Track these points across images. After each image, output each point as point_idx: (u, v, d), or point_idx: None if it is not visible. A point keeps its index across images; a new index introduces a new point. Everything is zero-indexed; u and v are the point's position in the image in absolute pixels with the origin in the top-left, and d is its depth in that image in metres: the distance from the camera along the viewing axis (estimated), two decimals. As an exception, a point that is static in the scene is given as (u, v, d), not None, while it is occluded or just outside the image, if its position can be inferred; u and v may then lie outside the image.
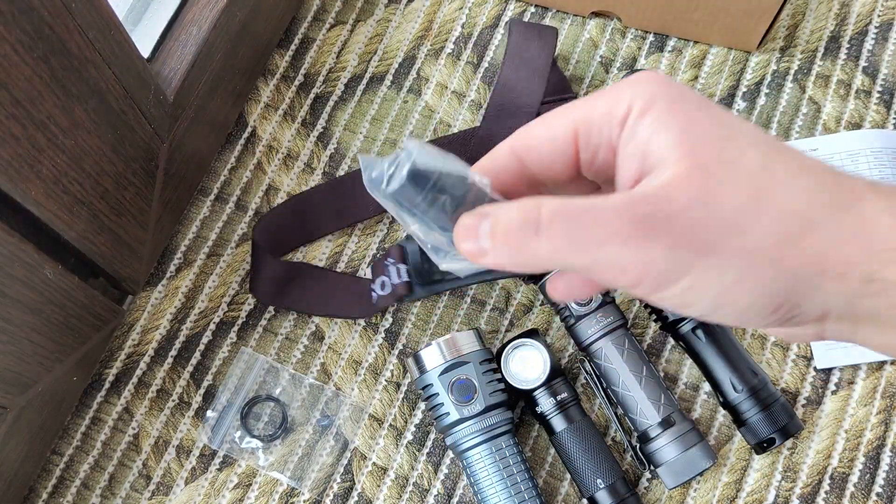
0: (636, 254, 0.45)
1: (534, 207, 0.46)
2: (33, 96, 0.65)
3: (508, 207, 0.47)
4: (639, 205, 0.45)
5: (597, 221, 0.45)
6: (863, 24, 1.07)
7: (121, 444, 0.93)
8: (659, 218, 0.44)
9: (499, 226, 0.47)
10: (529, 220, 0.46)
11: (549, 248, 0.46)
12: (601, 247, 0.45)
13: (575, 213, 0.46)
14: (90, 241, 0.80)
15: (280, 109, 1.04)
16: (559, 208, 0.46)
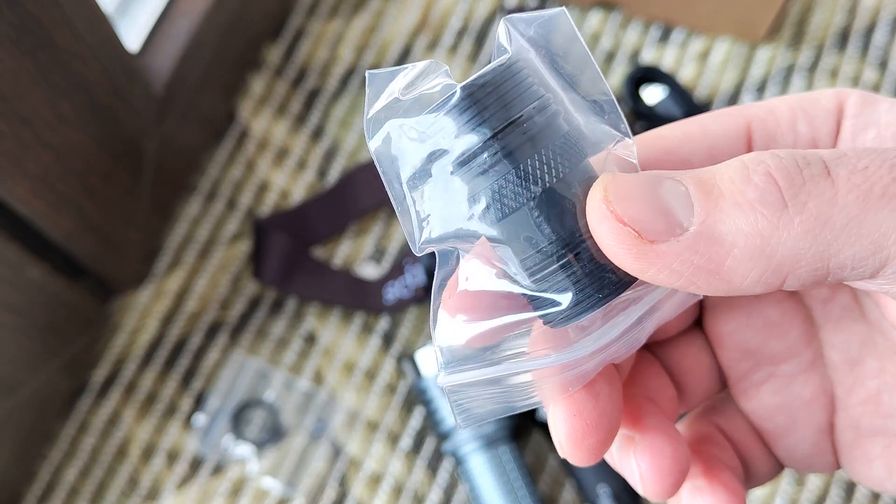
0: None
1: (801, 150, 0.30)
2: (18, 91, 0.64)
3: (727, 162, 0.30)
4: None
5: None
6: (872, 18, 1.06)
7: (109, 449, 0.92)
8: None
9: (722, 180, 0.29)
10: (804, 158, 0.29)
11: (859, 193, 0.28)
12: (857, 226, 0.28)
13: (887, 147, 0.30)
14: (77, 240, 0.80)
15: (272, 104, 1.03)
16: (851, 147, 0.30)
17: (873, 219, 0.27)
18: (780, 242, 0.27)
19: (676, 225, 0.28)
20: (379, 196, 0.98)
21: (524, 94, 0.30)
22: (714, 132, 0.36)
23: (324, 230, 0.98)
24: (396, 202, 0.33)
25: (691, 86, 1.03)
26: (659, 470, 0.35)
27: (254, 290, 0.96)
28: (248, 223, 0.98)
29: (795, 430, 0.39)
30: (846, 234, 0.27)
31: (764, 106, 0.36)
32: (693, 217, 0.28)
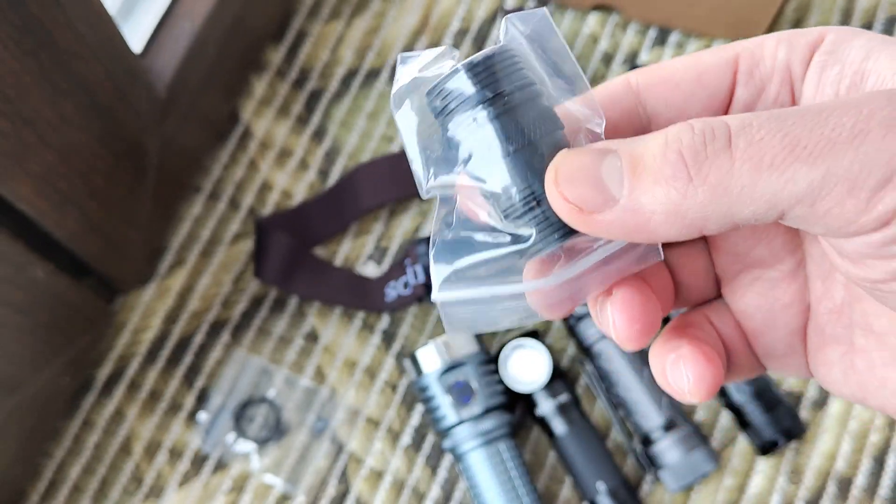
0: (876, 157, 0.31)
1: (711, 121, 0.34)
2: (22, 92, 0.65)
3: (655, 134, 0.35)
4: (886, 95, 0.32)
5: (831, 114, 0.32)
6: (868, 19, 1.07)
7: (112, 446, 0.92)
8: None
9: (647, 155, 0.34)
10: (713, 131, 0.33)
11: (752, 164, 0.32)
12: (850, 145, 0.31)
13: (783, 113, 0.33)
14: (80, 240, 0.80)
15: (274, 105, 1.03)
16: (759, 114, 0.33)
17: (764, 184, 0.32)
18: (688, 208, 0.33)
19: (610, 198, 0.34)
20: (380, 196, 0.98)
21: (512, 74, 0.37)
22: (705, 61, 0.40)
23: (325, 230, 0.99)
24: (412, 157, 0.39)
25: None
26: (629, 318, 0.39)
27: (256, 289, 0.97)
28: (251, 223, 0.99)
29: (774, 330, 0.43)
30: (742, 198, 0.32)
31: (755, 40, 0.40)
32: (623, 190, 0.34)
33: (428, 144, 0.39)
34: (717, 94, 0.40)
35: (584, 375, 0.93)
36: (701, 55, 0.40)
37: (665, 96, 0.40)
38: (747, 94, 0.40)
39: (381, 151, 1.02)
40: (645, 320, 0.40)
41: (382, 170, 0.99)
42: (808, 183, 0.31)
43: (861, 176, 0.31)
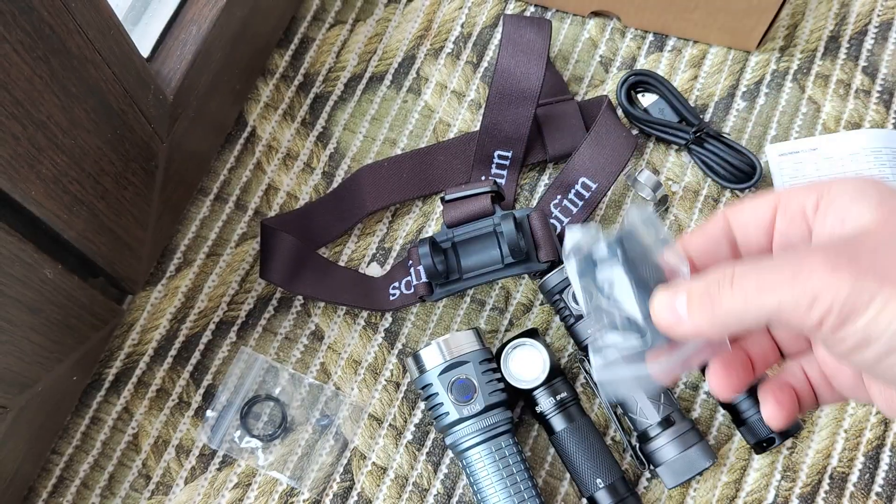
0: (825, 282, 0.49)
1: (727, 268, 0.53)
2: (33, 96, 0.65)
3: (702, 276, 0.55)
4: (829, 245, 0.52)
5: (785, 263, 0.51)
6: (862, 24, 1.07)
7: (120, 443, 0.93)
8: (848, 253, 0.50)
9: (694, 292, 0.55)
10: (724, 276, 0.53)
11: (742, 297, 0.52)
12: (791, 283, 0.50)
13: (765, 261, 0.53)
14: (90, 241, 0.80)
15: (279, 109, 1.04)
16: (749, 262, 0.53)
17: (749, 308, 0.52)
18: (716, 321, 0.53)
19: (681, 319, 0.55)
20: (383, 198, 0.99)
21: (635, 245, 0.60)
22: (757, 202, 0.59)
23: (329, 231, 0.99)
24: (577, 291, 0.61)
25: (686, 90, 1.05)
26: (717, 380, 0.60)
27: (261, 289, 0.98)
28: (256, 224, 1.00)
29: (842, 373, 0.60)
30: (741, 315, 0.52)
31: (790, 190, 0.58)
32: (685, 313, 0.54)
33: (586, 284, 0.60)
34: (766, 222, 0.59)
35: (582, 373, 0.93)
36: (759, 196, 0.59)
37: (739, 222, 0.60)
38: (782, 224, 0.58)
39: (384, 154, 1.03)
40: (728, 381, 0.60)
41: (385, 172, 1.00)
42: (771, 307, 0.50)
43: (798, 302, 0.49)
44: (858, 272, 0.48)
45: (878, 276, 0.48)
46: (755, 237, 0.60)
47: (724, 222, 0.61)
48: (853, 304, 0.48)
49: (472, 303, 0.97)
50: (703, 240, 0.61)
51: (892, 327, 0.48)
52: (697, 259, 0.61)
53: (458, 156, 1.02)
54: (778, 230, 0.59)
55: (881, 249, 0.50)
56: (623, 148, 0.97)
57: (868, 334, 0.48)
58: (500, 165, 1.00)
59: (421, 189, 1.01)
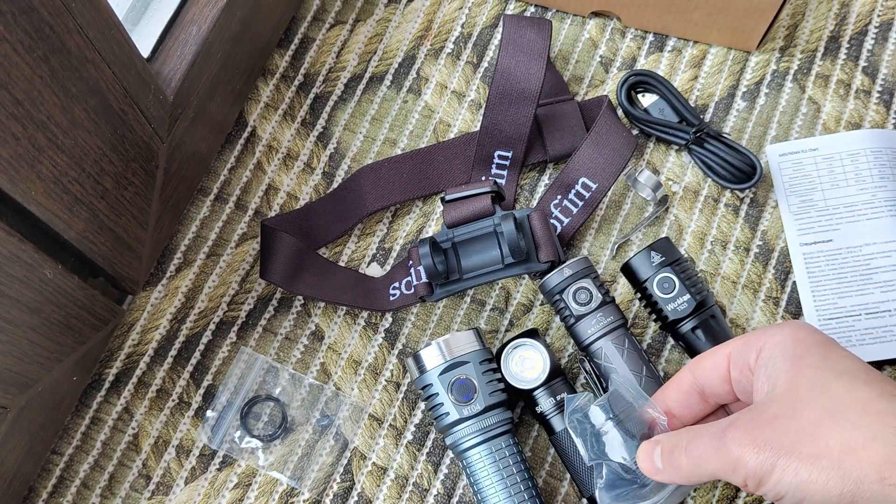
0: (736, 456, 0.63)
1: (682, 436, 0.69)
2: (33, 96, 0.65)
3: (669, 435, 0.71)
4: (741, 420, 0.65)
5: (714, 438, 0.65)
6: (862, 24, 1.08)
7: (120, 443, 0.93)
8: (754, 428, 0.63)
9: (665, 448, 0.70)
10: (679, 442, 0.69)
11: (691, 461, 0.67)
12: (719, 456, 0.64)
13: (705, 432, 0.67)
14: (90, 241, 0.80)
15: (280, 109, 1.05)
16: (696, 432, 0.68)
17: (700, 469, 0.66)
18: (679, 476, 0.69)
19: (658, 469, 0.70)
20: (383, 198, 0.99)
21: (621, 402, 0.77)
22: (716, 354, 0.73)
23: (329, 231, 1.00)
24: (579, 447, 0.78)
25: (686, 90, 1.05)
26: None
27: (262, 289, 0.98)
28: (256, 224, 1.00)
29: None
30: (695, 474, 0.67)
31: (742, 342, 0.70)
32: (660, 465, 0.70)
33: (586, 439, 0.77)
34: (723, 373, 0.72)
35: (583, 373, 0.93)
36: (716, 350, 0.73)
37: (701, 375, 0.74)
38: (735, 375, 0.71)
39: (385, 154, 1.03)
40: None
41: (385, 172, 1.00)
42: (712, 471, 0.65)
43: (726, 468, 0.63)
44: (760, 447, 0.61)
45: (775, 448, 0.60)
46: (718, 386, 0.73)
47: (690, 377, 0.75)
48: (760, 472, 0.61)
49: (472, 303, 0.97)
50: (677, 393, 0.76)
51: (790, 489, 0.60)
52: (675, 409, 0.76)
53: (458, 156, 1.02)
54: (733, 380, 0.71)
55: (780, 419, 0.61)
56: (623, 148, 0.97)
57: (777, 493, 0.61)
58: (501, 165, 1.00)
59: (421, 189, 1.01)
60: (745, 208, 1.00)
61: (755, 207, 1.00)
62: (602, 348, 0.89)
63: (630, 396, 0.77)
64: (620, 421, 0.76)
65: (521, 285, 0.98)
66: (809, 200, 0.98)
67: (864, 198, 0.97)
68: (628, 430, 0.75)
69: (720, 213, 1.00)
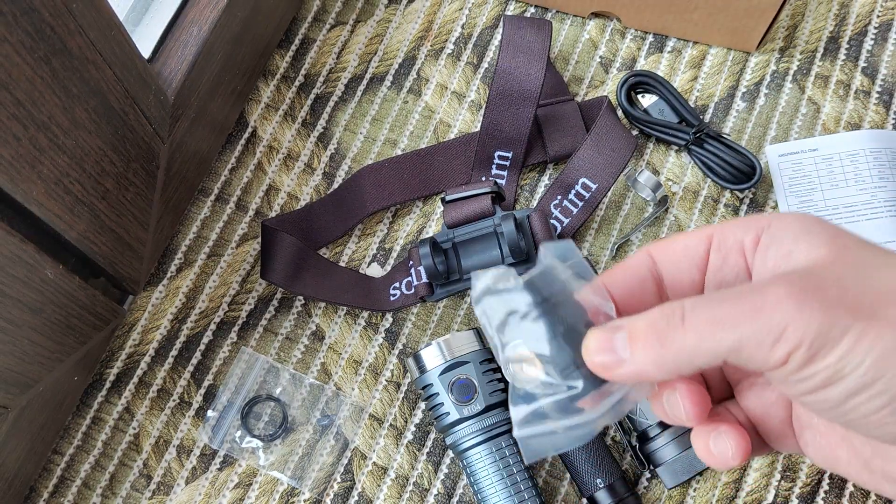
0: (791, 316, 0.46)
1: (675, 304, 0.50)
2: (34, 97, 0.66)
3: (645, 314, 0.51)
4: (791, 276, 0.48)
5: (743, 296, 0.48)
6: (862, 25, 1.08)
7: (121, 443, 0.93)
8: (813, 284, 0.47)
9: (638, 330, 0.51)
10: (673, 313, 0.50)
11: (696, 334, 0.48)
12: (754, 317, 0.47)
13: (718, 296, 0.49)
14: (91, 242, 0.80)
15: (280, 110, 1.05)
16: (702, 297, 0.50)
17: (704, 345, 0.48)
18: (664, 363, 0.49)
19: (621, 360, 0.51)
20: (384, 198, 0.99)
21: (553, 283, 0.54)
22: (691, 236, 0.56)
23: (330, 231, 1.00)
24: (490, 340, 0.55)
25: (686, 91, 1.05)
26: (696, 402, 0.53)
27: (262, 290, 0.98)
28: (257, 224, 1.00)
29: (769, 420, 0.57)
30: (694, 354, 0.48)
31: (726, 223, 0.56)
32: (626, 353, 0.50)
33: (502, 330, 0.54)
34: (697, 257, 0.56)
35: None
36: (691, 232, 0.57)
37: (666, 258, 0.57)
38: (716, 260, 0.55)
39: (385, 155, 1.03)
40: (704, 404, 0.54)
41: (386, 173, 1.00)
42: (730, 343, 0.47)
43: (761, 337, 0.46)
44: (828, 304, 0.46)
45: (849, 308, 0.46)
46: (686, 274, 0.56)
47: (648, 259, 0.57)
48: (825, 339, 0.45)
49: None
50: (625, 276, 0.57)
51: (865, 362, 0.45)
52: (619, 300, 0.56)
53: (458, 156, 1.02)
54: (712, 267, 0.56)
55: (845, 281, 0.47)
56: (623, 148, 0.97)
57: (838, 370, 0.46)
58: (501, 166, 1.01)
59: (421, 189, 1.01)
60: (745, 209, 1.00)
61: (755, 208, 1.00)
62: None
63: (564, 275, 0.55)
64: (551, 307, 0.54)
65: (522, 285, 0.98)
66: (809, 201, 0.98)
67: (864, 198, 0.97)
68: (561, 319, 0.53)
69: (720, 213, 1.00)
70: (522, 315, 0.54)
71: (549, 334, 0.53)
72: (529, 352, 0.53)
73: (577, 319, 0.54)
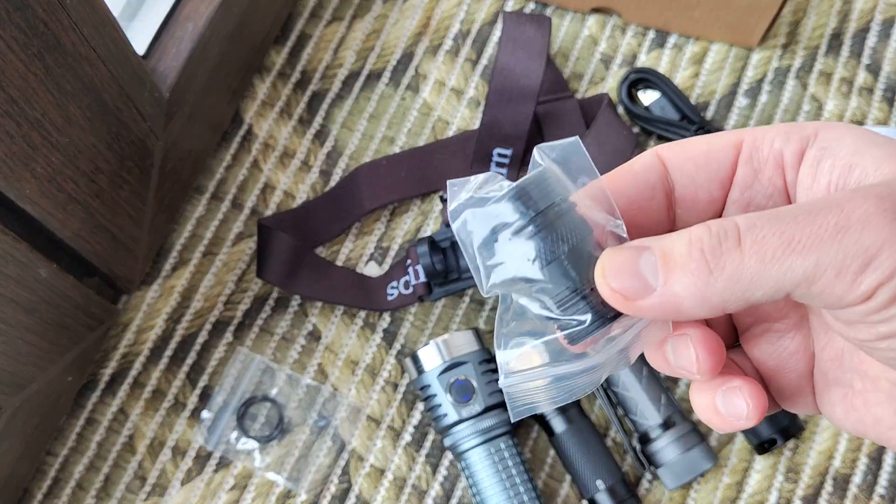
0: (886, 238, 0.37)
1: (725, 221, 0.40)
2: (28, 94, 0.65)
3: (681, 232, 0.41)
4: (875, 190, 0.39)
5: (819, 213, 0.39)
6: (865, 21, 1.07)
7: (116, 444, 0.92)
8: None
9: (676, 252, 0.41)
10: (726, 232, 0.40)
11: (758, 259, 0.39)
12: (835, 238, 0.38)
13: (784, 212, 0.40)
14: (85, 240, 0.80)
15: (276, 107, 1.04)
16: (760, 214, 0.40)
17: (768, 273, 0.38)
18: (711, 294, 0.40)
19: (649, 287, 0.41)
20: (381, 197, 0.99)
21: (551, 192, 0.44)
22: (715, 141, 0.46)
23: (327, 230, 0.99)
24: (470, 262, 0.45)
25: (687, 88, 1.04)
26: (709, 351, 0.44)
27: (258, 289, 0.97)
28: (253, 223, 0.99)
29: (784, 375, 0.49)
30: (752, 284, 0.39)
31: (760, 129, 0.46)
32: (659, 280, 0.41)
33: (484, 252, 0.44)
34: (722, 169, 0.46)
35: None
36: (714, 136, 0.46)
37: (681, 166, 0.47)
38: (746, 174, 0.46)
39: (383, 152, 1.02)
40: (721, 353, 0.45)
41: (383, 171, 1.00)
42: (803, 271, 0.38)
43: (844, 264, 0.37)
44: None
45: None
46: (703, 190, 0.47)
47: (658, 165, 0.47)
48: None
49: (471, 302, 0.97)
50: (630, 185, 0.47)
51: None
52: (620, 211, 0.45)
53: (457, 154, 1.01)
54: (739, 182, 0.46)
55: None
56: (624, 146, 0.96)
57: None
58: (500, 164, 1.00)
59: (419, 188, 1.00)
60: (747, 207, 0.99)
61: (756, 206, 0.99)
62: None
63: (566, 182, 0.45)
64: (548, 222, 0.43)
65: (521, 285, 0.97)
66: (811, 199, 0.97)
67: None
68: (559, 236, 0.43)
69: (721, 211, 0.99)
70: (513, 231, 0.43)
71: (546, 255, 0.43)
72: (520, 277, 0.44)
73: (581, 238, 0.44)
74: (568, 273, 0.43)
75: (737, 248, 0.39)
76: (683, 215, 0.47)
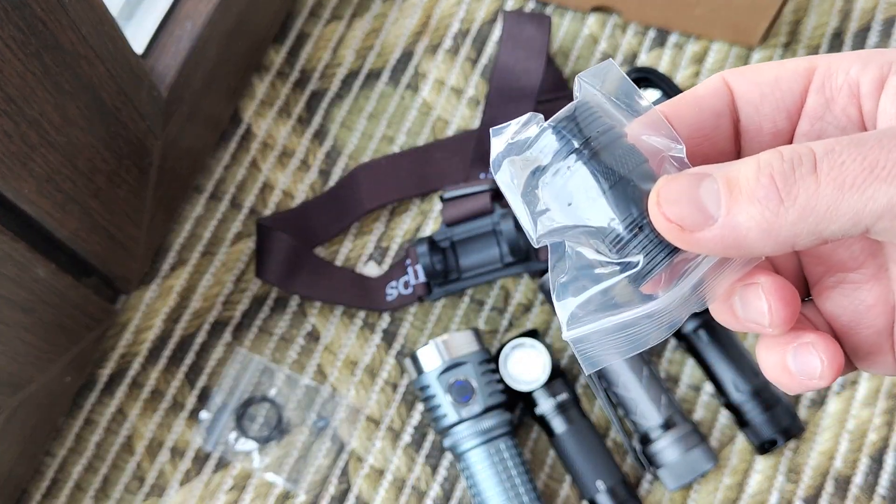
0: None
1: (799, 147, 0.37)
2: (26, 93, 0.65)
3: (749, 158, 0.38)
4: None
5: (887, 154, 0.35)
6: (866, 20, 1.07)
7: (114, 445, 0.92)
8: None
9: (742, 178, 0.37)
10: (800, 157, 0.36)
11: (835, 187, 0.35)
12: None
13: (863, 138, 0.36)
14: (83, 240, 0.80)
15: (275, 106, 1.04)
16: (838, 139, 0.36)
17: (847, 203, 0.35)
18: (781, 226, 0.36)
19: (709, 217, 0.37)
20: (380, 196, 0.99)
21: (592, 123, 0.40)
22: (786, 66, 0.43)
23: (326, 230, 0.99)
24: (517, 212, 0.42)
25: (688, 87, 1.04)
26: (784, 301, 0.41)
27: (257, 289, 0.97)
28: (252, 223, 0.99)
29: (860, 331, 0.44)
30: (828, 216, 0.35)
31: (835, 56, 0.42)
32: (721, 210, 0.37)
33: (530, 199, 0.41)
34: (790, 97, 0.42)
35: (583, 374, 0.93)
36: (785, 61, 0.43)
37: (747, 91, 0.43)
38: (816, 104, 0.42)
39: (382, 152, 1.02)
40: (795, 303, 0.41)
41: (383, 170, 1.00)
42: (888, 200, 0.34)
43: None
44: None
45: None
46: (769, 120, 0.43)
47: (724, 90, 0.44)
48: None
49: (471, 303, 0.97)
50: (693, 111, 0.43)
51: None
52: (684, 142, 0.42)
53: (456, 153, 1.01)
54: (809, 112, 0.42)
55: None
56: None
57: None
58: (500, 163, 1.00)
59: (419, 187, 1.00)
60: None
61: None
62: (603, 349, 0.88)
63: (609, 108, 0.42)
64: (592, 154, 0.40)
65: (521, 285, 0.97)
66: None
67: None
68: (606, 170, 0.40)
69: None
70: (555, 170, 0.41)
71: (598, 190, 0.40)
72: (567, 222, 0.41)
73: (631, 168, 0.40)
74: (623, 205, 0.40)
75: (812, 175, 0.36)
76: (746, 148, 0.44)
